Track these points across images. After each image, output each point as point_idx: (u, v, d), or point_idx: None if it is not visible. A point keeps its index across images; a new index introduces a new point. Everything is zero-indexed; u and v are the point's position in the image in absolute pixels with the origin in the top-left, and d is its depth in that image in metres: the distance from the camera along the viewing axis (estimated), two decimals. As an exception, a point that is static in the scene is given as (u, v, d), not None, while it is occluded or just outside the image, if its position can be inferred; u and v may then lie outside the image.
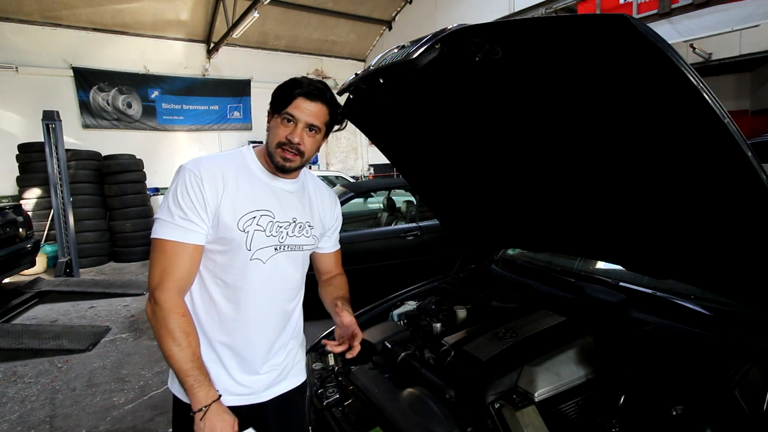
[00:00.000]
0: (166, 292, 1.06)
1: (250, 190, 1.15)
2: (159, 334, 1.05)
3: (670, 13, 6.24)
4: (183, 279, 1.09)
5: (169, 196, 1.09)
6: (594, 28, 0.85)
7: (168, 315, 1.04)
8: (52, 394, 3.20)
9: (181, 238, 1.07)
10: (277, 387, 1.26)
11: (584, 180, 1.35)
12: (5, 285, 5.76)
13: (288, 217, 1.21)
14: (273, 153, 1.15)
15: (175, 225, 1.07)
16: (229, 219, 1.10)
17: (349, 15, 12.50)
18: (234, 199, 1.11)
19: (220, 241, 1.12)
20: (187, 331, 1.06)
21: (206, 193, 1.08)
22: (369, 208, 6.67)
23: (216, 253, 1.13)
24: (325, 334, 1.96)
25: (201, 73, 11.51)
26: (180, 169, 1.12)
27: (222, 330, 1.17)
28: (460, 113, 1.43)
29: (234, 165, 1.16)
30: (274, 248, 1.18)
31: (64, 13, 9.37)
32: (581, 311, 1.67)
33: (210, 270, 1.15)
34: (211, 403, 1.04)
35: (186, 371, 1.04)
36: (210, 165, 1.12)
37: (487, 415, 1.26)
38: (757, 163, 0.81)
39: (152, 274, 1.08)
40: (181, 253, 1.07)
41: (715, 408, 1.10)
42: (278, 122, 1.13)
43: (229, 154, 1.20)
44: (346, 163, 14.42)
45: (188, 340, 1.05)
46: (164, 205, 1.09)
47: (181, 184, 1.08)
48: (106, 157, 7.99)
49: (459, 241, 2.26)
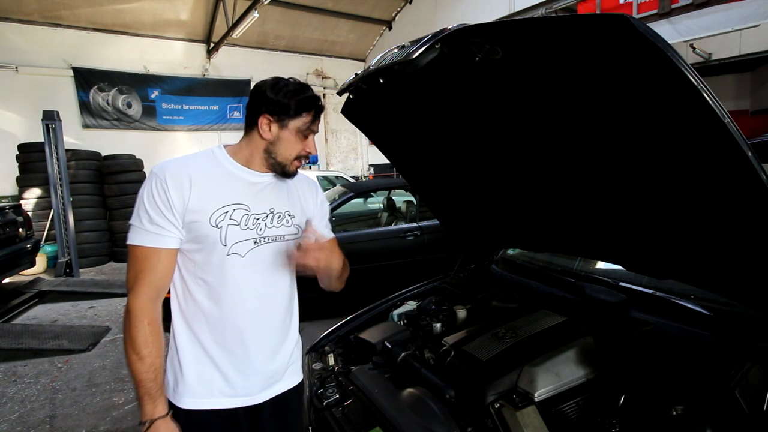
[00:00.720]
0: (136, 297, 1.07)
1: (220, 187, 1.14)
2: (124, 339, 1.07)
3: (670, 13, 6.25)
4: (155, 283, 1.10)
5: (138, 202, 1.11)
6: (594, 28, 0.85)
7: (133, 322, 1.06)
8: (52, 394, 3.20)
9: (151, 243, 1.08)
10: (273, 388, 1.25)
11: (584, 180, 1.35)
12: (5, 285, 5.76)
13: (265, 209, 1.20)
14: (286, 163, 1.19)
15: (145, 230, 1.08)
16: (200, 217, 1.10)
17: (349, 15, 12.51)
18: (202, 197, 1.11)
19: (195, 240, 1.12)
20: (148, 341, 1.06)
21: (171, 196, 1.08)
22: (369, 208, 6.67)
23: (193, 252, 1.14)
24: (326, 334, 1.96)
25: (201, 73, 11.52)
26: (149, 175, 1.13)
27: (210, 330, 1.16)
28: (460, 113, 1.43)
29: (203, 164, 1.16)
30: (253, 241, 1.17)
31: (64, 13, 9.37)
32: (581, 311, 1.67)
33: (190, 271, 1.15)
34: (155, 419, 1.05)
35: (140, 381, 1.05)
36: (175, 167, 1.12)
37: (487, 415, 1.26)
38: (757, 163, 0.81)
39: (127, 279, 1.10)
40: (152, 257, 1.09)
41: (715, 408, 1.10)
42: (292, 136, 1.16)
43: (199, 154, 1.21)
44: (346, 163, 14.42)
45: (148, 350, 1.05)
46: (135, 211, 1.10)
47: (147, 190, 1.09)
48: (106, 157, 8.00)
49: (459, 241, 2.26)
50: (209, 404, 1.16)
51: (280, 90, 1.12)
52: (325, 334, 1.96)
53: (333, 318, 1.83)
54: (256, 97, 1.15)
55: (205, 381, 1.16)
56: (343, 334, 1.97)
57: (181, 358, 1.16)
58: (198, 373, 1.16)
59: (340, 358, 1.80)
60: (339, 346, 1.91)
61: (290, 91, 1.13)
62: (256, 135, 1.17)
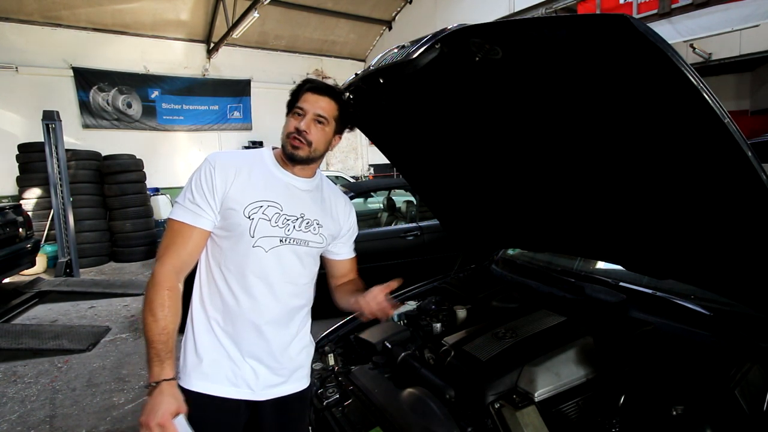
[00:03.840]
0: (162, 266, 1.13)
1: (260, 182, 1.22)
2: (143, 302, 1.11)
3: (670, 13, 6.25)
4: (182, 257, 1.16)
5: (187, 184, 1.21)
6: (594, 28, 0.85)
7: (155, 286, 1.10)
8: (52, 394, 3.20)
9: (188, 220, 1.16)
10: (276, 389, 1.25)
11: (584, 180, 1.35)
12: (5, 285, 5.76)
13: (296, 212, 1.25)
14: (285, 144, 1.23)
15: (185, 208, 1.17)
16: (236, 205, 1.17)
17: (349, 15, 12.50)
18: (243, 188, 1.19)
19: (227, 227, 1.19)
20: (165, 304, 1.09)
21: (216, 180, 1.17)
22: (369, 208, 6.68)
23: (222, 239, 1.20)
24: (326, 334, 1.96)
25: (201, 73, 11.51)
26: (203, 161, 1.23)
27: (225, 319, 1.21)
28: (460, 113, 1.43)
29: (250, 159, 1.25)
30: (279, 239, 1.21)
31: (64, 13, 9.37)
32: (581, 311, 1.67)
33: (216, 257, 1.22)
34: (161, 381, 1.06)
35: (151, 342, 1.07)
36: (226, 157, 1.23)
37: (487, 415, 1.26)
38: (757, 163, 0.81)
39: (158, 249, 1.18)
40: (185, 233, 1.16)
41: (715, 408, 1.10)
42: (290, 117, 1.24)
43: (249, 151, 1.30)
44: (346, 163, 14.41)
45: (163, 313, 1.08)
46: (183, 191, 1.21)
47: (197, 173, 1.19)
48: (106, 157, 7.99)
49: (459, 241, 2.26)
50: (214, 390, 1.19)
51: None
52: (325, 334, 1.96)
53: (333, 318, 1.83)
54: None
55: (215, 366, 1.20)
56: (343, 334, 1.97)
57: (197, 340, 1.21)
58: (210, 358, 1.20)
59: (340, 358, 1.80)
60: (339, 346, 1.91)
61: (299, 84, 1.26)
62: None
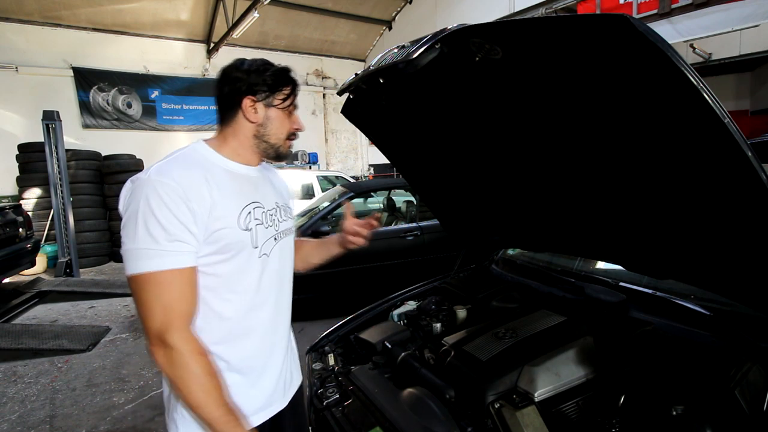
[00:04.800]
0: (178, 332, 0.90)
1: (228, 186, 1.01)
2: (182, 382, 0.90)
3: (670, 13, 6.26)
4: (189, 311, 0.94)
5: (141, 220, 0.88)
6: (594, 28, 0.85)
7: (190, 359, 0.90)
8: (52, 394, 3.20)
9: (174, 264, 0.90)
10: (290, 390, 1.23)
11: (584, 180, 1.35)
12: (5, 285, 5.76)
13: (271, 203, 1.13)
14: (279, 144, 1.11)
15: (163, 251, 0.89)
16: (227, 222, 0.98)
17: (349, 15, 12.51)
18: (223, 200, 0.98)
19: (222, 250, 0.98)
20: (211, 372, 0.92)
21: (192, 204, 0.92)
22: (369, 208, 6.68)
23: (218, 265, 0.99)
24: (326, 334, 1.96)
25: (201, 73, 11.52)
26: (142, 184, 0.91)
27: (237, 347, 1.05)
28: (460, 113, 1.43)
29: (200, 163, 1.01)
30: (273, 239, 1.11)
31: (64, 13, 9.38)
32: (581, 311, 1.67)
33: (212, 289, 1.00)
34: None
35: (216, 419, 0.90)
36: (182, 170, 0.95)
37: (487, 415, 1.26)
38: (757, 163, 0.81)
39: (150, 316, 0.89)
40: (179, 281, 0.91)
41: (715, 408, 1.10)
42: (280, 114, 1.09)
43: (184, 154, 1.02)
44: (346, 163, 14.42)
45: (214, 383, 0.92)
46: (137, 231, 0.88)
47: (156, 202, 0.88)
48: (106, 157, 8.00)
49: (459, 241, 2.26)
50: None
51: (251, 68, 1.04)
52: (325, 334, 1.96)
53: (333, 318, 1.83)
54: (230, 81, 1.04)
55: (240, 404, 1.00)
56: (343, 334, 1.97)
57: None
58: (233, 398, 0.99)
59: (340, 358, 1.80)
60: (339, 346, 1.91)
61: (260, 66, 1.05)
62: (242, 121, 1.06)
